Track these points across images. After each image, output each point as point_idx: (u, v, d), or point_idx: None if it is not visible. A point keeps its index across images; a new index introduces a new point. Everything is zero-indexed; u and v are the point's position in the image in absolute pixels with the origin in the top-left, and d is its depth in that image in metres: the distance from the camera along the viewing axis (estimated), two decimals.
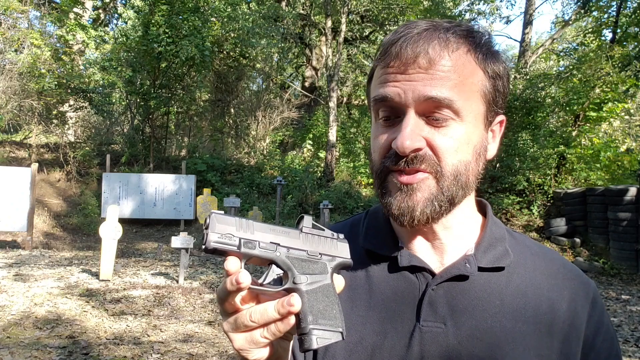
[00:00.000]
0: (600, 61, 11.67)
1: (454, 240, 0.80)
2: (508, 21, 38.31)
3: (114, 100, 16.21)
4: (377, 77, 0.75)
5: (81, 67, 16.12)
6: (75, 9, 16.39)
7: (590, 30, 15.30)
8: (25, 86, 13.65)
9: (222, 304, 0.62)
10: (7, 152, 14.47)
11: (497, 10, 19.20)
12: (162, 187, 12.90)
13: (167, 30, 13.49)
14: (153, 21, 13.62)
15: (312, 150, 18.71)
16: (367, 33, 20.29)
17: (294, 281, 0.61)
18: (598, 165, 12.04)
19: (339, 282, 0.66)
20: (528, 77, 13.57)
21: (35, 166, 10.71)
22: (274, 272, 0.62)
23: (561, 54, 20.04)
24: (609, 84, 11.68)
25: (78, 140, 15.99)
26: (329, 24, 16.41)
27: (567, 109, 12.37)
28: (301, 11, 19.42)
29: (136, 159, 14.85)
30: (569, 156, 12.00)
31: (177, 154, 17.27)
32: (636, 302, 7.35)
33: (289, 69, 23.33)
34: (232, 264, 0.59)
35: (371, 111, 0.80)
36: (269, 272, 0.62)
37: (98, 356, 4.35)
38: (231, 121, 18.65)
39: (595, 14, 14.73)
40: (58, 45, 16.09)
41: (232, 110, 18.53)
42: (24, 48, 13.73)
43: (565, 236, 10.77)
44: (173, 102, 15.60)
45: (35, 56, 13.39)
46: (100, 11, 20.34)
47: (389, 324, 0.77)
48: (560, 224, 10.95)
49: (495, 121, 0.79)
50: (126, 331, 5.04)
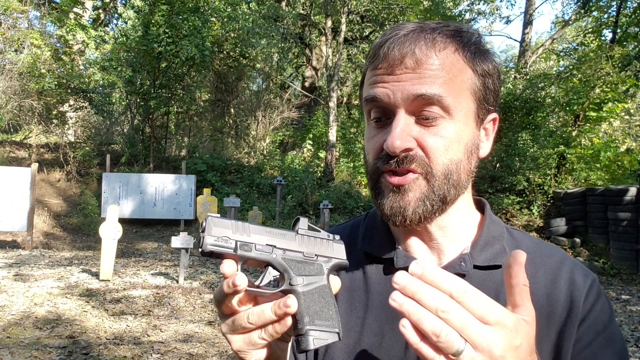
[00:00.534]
0: (600, 61, 11.67)
1: (450, 239, 0.80)
2: (508, 21, 38.27)
3: (114, 100, 16.22)
4: (367, 79, 0.77)
5: (81, 67, 16.12)
6: (75, 9, 16.39)
7: (590, 30, 15.30)
8: (25, 86, 13.65)
9: (220, 306, 0.62)
10: (7, 152, 14.48)
11: (497, 10, 19.24)
12: (162, 187, 12.90)
13: (167, 30, 13.49)
14: (153, 21, 13.63)
15: (312, 150, 18.71)
16: (367, 33, 20.28)
17: (290, 283, 0.62)
18: (598, 165, 12.04)
19: (335, 283, 0.67)
20: (528, 77, 13.57)
21: (35, 166, 10.71)
22: (271, 274, 0.62)
23: (561, 54, 20.04)
24: (609, 84, 11.68)
25: (78, 140, 15.99)
26: (329, 24, 16.42)
27: (567, 109, 12.38)
28: (301, 11, 19.43)
29: (136, 159, 14.85)
30: (569, 156, 12.00)
31: (177, 154, 17.28)
32: (636, 302, 7.35)
33: (289, 69, 23.33)
34: (229, 266, 0.59)
35: (364, 113, 0.81)
36: (265, 274, 0.62)
37: (98, 356, 4.35)
38: (231, 121, 18.65)
39: (595, 14, 14.73)
40: (58, 45, 16.09)
41: (232, 110, 18.53)
42: (24, 48, 13.73)
43: (565, 236, 10.78)
44: (173, 102, 15.60)
45: (35, 56, 13.39)
46: (100, 11, 20.35)
47: (386, 325, 0.77)
48: (560, 224, 10.95)
49: (487, 119, 0.79)
50: (126, 331, 5.05)
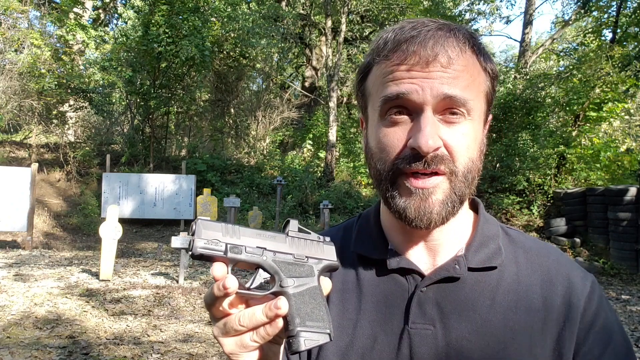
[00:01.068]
0: (600, 61, 11.66)
1: (448, 239, 0.80)
2: (508, 21, 38.32)
3: (114, 100, 16.23)
4: (380, 74, 0.73)
5: (81, 67, 16.13)
6: (75, 9, 16.40)
7: (590, 30, 15.30)
8: (25, 86, 13.66)
9: (211, 309, 0.63)
10: (7, 152, 14.49)
11: (497, 10, 19.24)
12: (162, 187, 12.91)
13: (167, 30, 13.50)
14: (153, 21, 13.63)
15: (312, 150, 18.70)
16: (367, 33, 20.28)
17: (281, 284, 0.62)
18: (598, 165, 12.03)
19: (325, 284, 0.67)
20: (528, 77, 13.57)
21: (35, 166, 10.72)
22: (261, 276, 0.63)
23: (561, 54, 20.04)
24: (609, 84, 11.67)
25: (78, 140, 16.00)
26: (329, 24, 16.41)
27: (567, 109, 12.37)
28: (301, 11, 19.42)
29: (136, 159, 14.86)
30: (569, 156, 11.99)
31: (177, 154, 17.29)
32: (636, 302, 7.35)
33: (289, 69, 23.33)
34: (219, 269, 0.59)
35: (367, 110, 0.78)
36: (256, 276, 0.63)
37: (98, 356, 4.36)
38: (231, 121, 18.66)
39: (595, 14, 14.73)
40: (58, 45, 16.10)
41: (232, 110, 18.54)
42: (24, 48, 13.74)
43: (565, 236, 10.77)
44: (173, 102, 15.61)
45: (35, 56, 13.40)
46: (100, 11, 20.36)
47: (379, 327, 0.77)
48: (560, 224, 10.95)
49: (488, 120, 0.80)
50: (126, 331, 5.05)
